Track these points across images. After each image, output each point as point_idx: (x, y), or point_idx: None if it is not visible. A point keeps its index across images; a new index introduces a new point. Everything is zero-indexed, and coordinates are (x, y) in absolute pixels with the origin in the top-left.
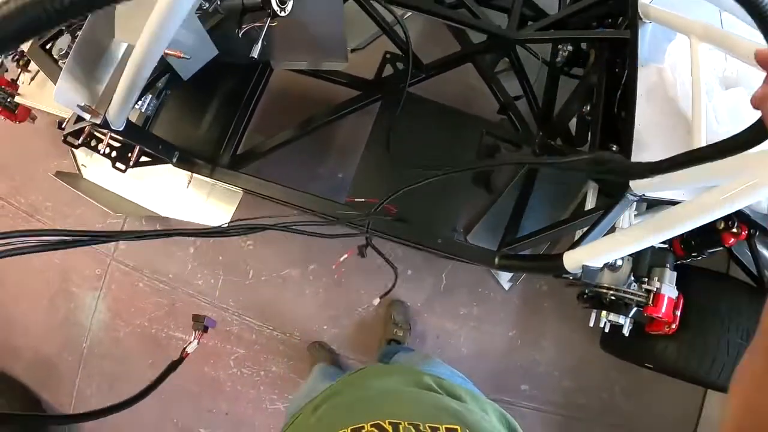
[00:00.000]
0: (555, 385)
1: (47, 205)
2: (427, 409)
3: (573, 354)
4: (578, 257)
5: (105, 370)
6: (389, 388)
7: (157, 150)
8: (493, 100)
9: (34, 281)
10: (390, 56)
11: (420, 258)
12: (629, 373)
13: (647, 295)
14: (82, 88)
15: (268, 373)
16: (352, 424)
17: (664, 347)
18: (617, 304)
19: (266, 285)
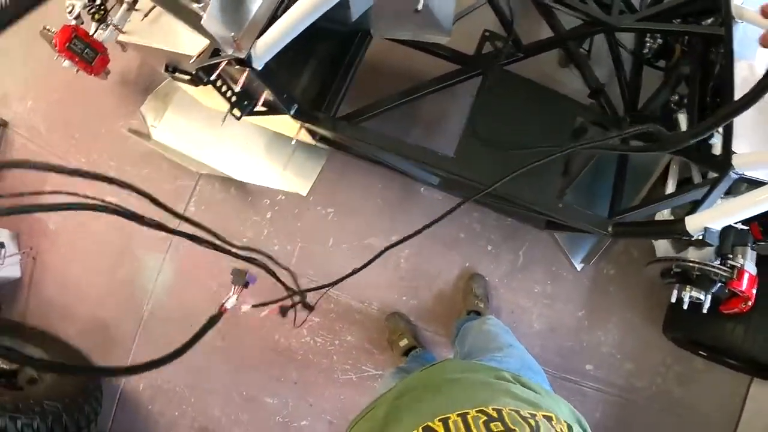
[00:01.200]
0: (617, 366)
1: (111, 164)
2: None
3: (635, 338)
4: (700, 221)
5: (167, 335)
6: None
7: (282, 99)
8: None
9: (91, 242)
10: (489, 34)
11: (498, 234)
12: (683, 361)
13: (731, 270)
14: (228, 19)
15: (342, 343)
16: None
17: (732, 328)
18: (703, 278)
19: (346, 253)
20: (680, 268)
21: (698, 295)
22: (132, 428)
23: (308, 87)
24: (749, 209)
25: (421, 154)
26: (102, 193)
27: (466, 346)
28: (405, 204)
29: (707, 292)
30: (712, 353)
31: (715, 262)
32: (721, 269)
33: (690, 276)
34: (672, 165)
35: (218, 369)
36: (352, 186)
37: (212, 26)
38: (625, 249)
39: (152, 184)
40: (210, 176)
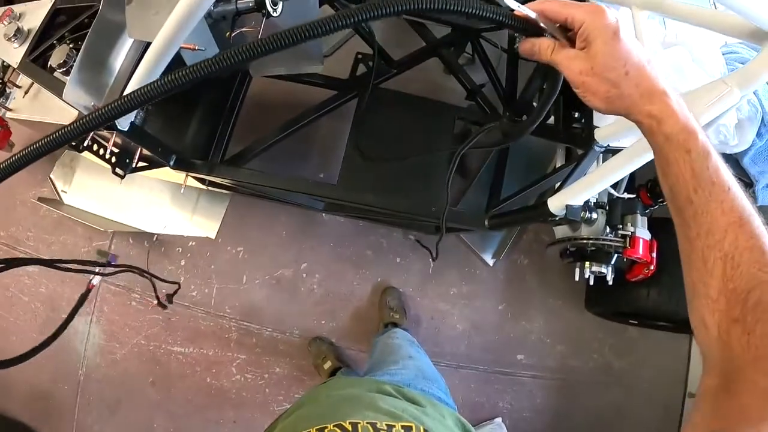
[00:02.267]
0: (548, 351)
1: (29, 234)
2: (385, 410)
3: (561, 320)
4: (561, 199)
5: (105, 395)
6: (351, 395)
7: (158, 153)
8: (458, 93)
9: (21, 313)
10: (362, 56)
11: (407, 246)
12: (616, 333)
13: (624, 239)
14: (89, 89)
15: (272, 375)
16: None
17: (646, 294)
18: (598, 253)
19: (261, 287)
20: (575, 247)
21: (599, 269)
22: None
23: (197, 135)
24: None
25: (302, 186)
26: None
27: (371, 360)
28: (309, 231)
29: (607, 265)
30: (641, 320)
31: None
32: (613, 241)
33: (586, 252)
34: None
35: (159, 419)
36: (256, 222)
37: (72, 97)
38: (535, 236)
39: (71, 250)
40: (122, 233)
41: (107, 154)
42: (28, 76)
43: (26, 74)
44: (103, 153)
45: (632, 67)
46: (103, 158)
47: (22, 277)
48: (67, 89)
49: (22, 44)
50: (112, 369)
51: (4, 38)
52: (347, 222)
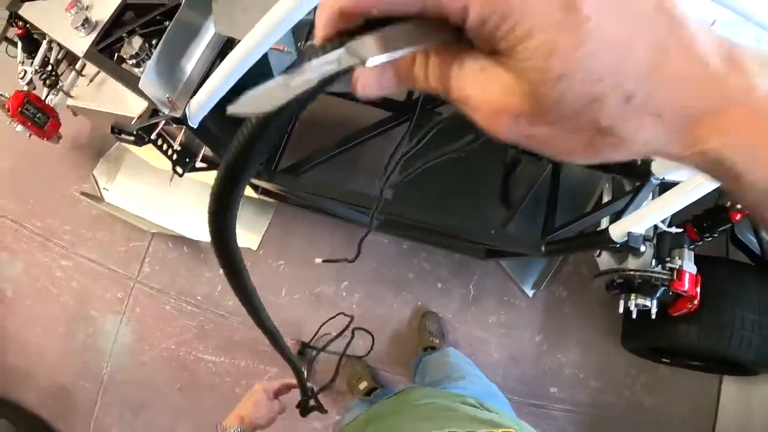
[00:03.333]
0: (582, 385)
1: (65, 228)
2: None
3: (596, 354)
4: (623, 227)
5: (128, 397)
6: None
7: (220, 154)
8: None
9: (49, 306)
10: None
11: (447, 271)
12: (649, 370)
13: (671, 272)
14: (165, 81)
15: None
16: None
17: (686, 329)
18: (645, 285)
19: (299, 303)
20: (622, 279)
21: (644, 302)
22: None
23: None
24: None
25: (359, 199)
26: (54, 258)
27: (427, 377)
28: (352, 250)
29: (652, 298)
30: (674, 358)
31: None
32: (661, 273)
33: (632, 284)
34: (604, 183)
35: (182, 428)
36: (300, 237)
37: (149, 89)
38: (575, 269)
39: (107, 247)
40: (162, 235)
41: (170, 150)
42: (95, 65)
43: (92, 63)
44: (166, 149)
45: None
46: (166, 154)
47: (54, 270)
48: (144, 80)
49: (89, 34)
50: (139, 371)
51: (71, 26)
52: (391, 244)
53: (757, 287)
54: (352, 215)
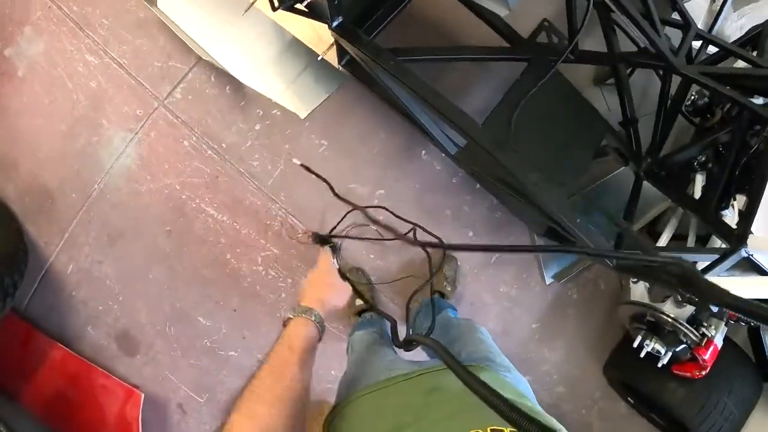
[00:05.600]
0: (549, 386)
1: (103, 22)
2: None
3: (575, 365)
4: None
5: (112, 222)
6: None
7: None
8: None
9: (59, 99)
10: (548, 25)
11: (483, 224)
12: (611, 400)
13: (702, 337)
14: None
15: (295, 284)
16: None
17: (674, 389)
18: (672, 335)
19: (325, 190)
20: (654, 318)
21: (660, 348)
22: (49, 311)
23: (351, 4)
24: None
25: (455, 114)
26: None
27: (457, 344)
28: (401, 161)
29: (670, 349)
30: (640, 403)
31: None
32: (693, 333)
33: (660, 329)
34: (672, 218)
35: (157, 272)
36: (354, 126)
37: None
38: (594, 279)
39: (143, 57)
40: (207, 65)
41: None
42: None
43: None
44: None
45: None
46: None
47: (77, 63)
48: None
49: None
50: (132, 199)
51: None
52: (442, 173)
53: (749, 384)
54: (430, 126)
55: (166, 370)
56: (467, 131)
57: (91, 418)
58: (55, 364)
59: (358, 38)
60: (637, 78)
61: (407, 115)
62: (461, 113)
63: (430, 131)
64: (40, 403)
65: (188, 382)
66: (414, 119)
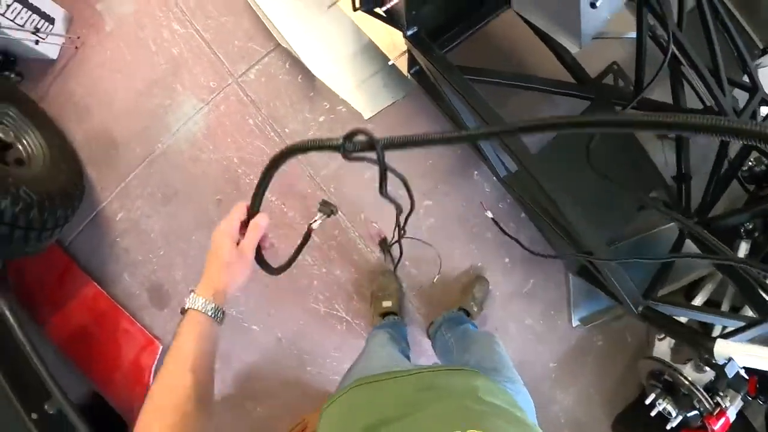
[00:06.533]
0: (555, 428)
1: None
2: (511, 422)
3: (584, 413)
4: (729, 350)
5: (168, 182)
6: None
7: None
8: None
9: (140, 58)
10: (617, 68)
11: (521, 253)
12: None
13: (715, 407)
14: None
15: (329, 273)
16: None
17: None
18: (686, 398)
19: (375, 191)
20: (672, 378)
21: (672, 410)
22: (93, 250)
23: (429, 17)
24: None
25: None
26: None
27: (468, 355)
28: (453, 178)
29: (681, 413)
30: None
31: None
32: (707, 400)
33: (676, 390)
34: (708, 284)
35: (200, 235)
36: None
37: None
38: (622, 330)
39: (224, 35)
40: (284, 53)
41: None
42: None
43: None
44: None
45: None
46: None
47: (163, 29)
48: None
49: None
50: (191, 164)
51: None
52: (491, 194)
53: None
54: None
55: None
56: (520, 157)
57: (107, 356)
58: (86, 300)
59: (430, 50)
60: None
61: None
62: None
63: (485, 152)
64: (63, 333)
65: None
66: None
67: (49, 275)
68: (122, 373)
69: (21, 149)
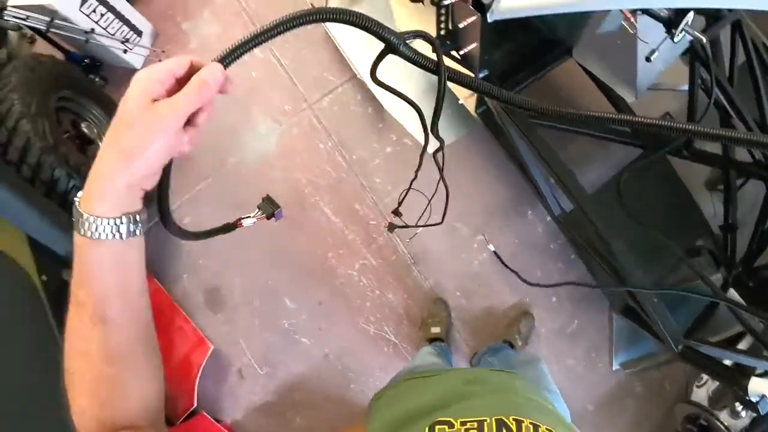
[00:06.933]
0: None
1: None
2: (547, 414)
3: None
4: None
5: (234, 193)
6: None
7: (482, 59)
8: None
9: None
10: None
11: (569, 293)
12: None
13: None
14: None
15: (382, 296)
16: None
17: None
18: None
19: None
20: (707, 423)
21: None
22: (158, 249)
23: (497, 62)
24: None
25: (568, 178)
26: None
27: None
28: (508, 214)
29: None
30: None
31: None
32: None
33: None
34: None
35: (262, 247)
36: (473, 171)
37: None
38: (662, 378)
39: (301, 64)
40: (358, 85)
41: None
42: None
43: None
44: (445, 19)
45: None
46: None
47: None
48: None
49: None
50: (260, 180)
51: None
52: (544, 234)
53: None
54: (543, 185)
55: (240, 335)
56: (576, 197)
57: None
58: None
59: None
60: (751, 189)
61: (524, 171)
62: (575, 180)
63: (542, 189)
64: None
65: (255, 353)
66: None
67: None
68: (171, 367)
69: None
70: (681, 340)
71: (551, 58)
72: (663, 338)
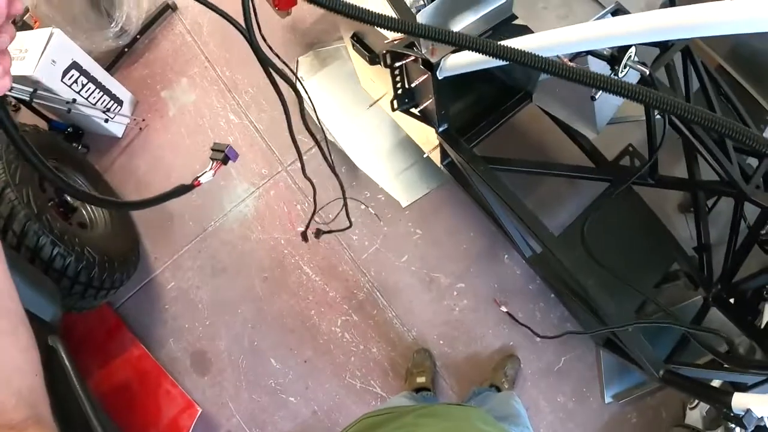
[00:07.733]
0: None
1: (249, 90)
2: None
3: None
4: (747, 401)
5: (218, 257)
6: None
7: (440, 114)
8: (675, 235)
9: (198, 143)
10: (632, 150)
11: (552, 332)
12: None
13: None
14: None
15: (366, 351)
16: None
17: None
18: None
19: (413, 276)
20: None
21: None
22: (143, 314)
23: (459, 114)
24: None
25: (533, 222)
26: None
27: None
28: (484, 260)
29: None
30: None
31: None
32: None
33: None
34: (738, 348)
35: (246, 309)
36: (447, 221)
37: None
38: (657, 406)
39: (275, 126)
40: (329, 145)
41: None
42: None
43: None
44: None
45: None
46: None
47: (220, 118)
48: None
49: None
50: (240, 243)
51: None
52: (521, 277)
53: None
54: (512, 230)
55: (227, 396)
56: (542, 238)
57: (146, 414)
58: (131, 358)
59: (458, 145)
60: (726, 207)
61: (494, 218)
62: (538, 221)
63: (511, 234)
64: (105, 387)
65: (244, 414)
66: (499, 222)
67: (98, 330)
68: (160, 431)
69: (85, 214)
70: (661, 365)
71: (512, 105)
72: (643, 366)
